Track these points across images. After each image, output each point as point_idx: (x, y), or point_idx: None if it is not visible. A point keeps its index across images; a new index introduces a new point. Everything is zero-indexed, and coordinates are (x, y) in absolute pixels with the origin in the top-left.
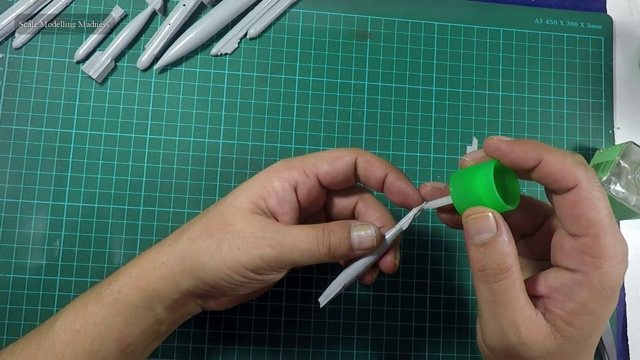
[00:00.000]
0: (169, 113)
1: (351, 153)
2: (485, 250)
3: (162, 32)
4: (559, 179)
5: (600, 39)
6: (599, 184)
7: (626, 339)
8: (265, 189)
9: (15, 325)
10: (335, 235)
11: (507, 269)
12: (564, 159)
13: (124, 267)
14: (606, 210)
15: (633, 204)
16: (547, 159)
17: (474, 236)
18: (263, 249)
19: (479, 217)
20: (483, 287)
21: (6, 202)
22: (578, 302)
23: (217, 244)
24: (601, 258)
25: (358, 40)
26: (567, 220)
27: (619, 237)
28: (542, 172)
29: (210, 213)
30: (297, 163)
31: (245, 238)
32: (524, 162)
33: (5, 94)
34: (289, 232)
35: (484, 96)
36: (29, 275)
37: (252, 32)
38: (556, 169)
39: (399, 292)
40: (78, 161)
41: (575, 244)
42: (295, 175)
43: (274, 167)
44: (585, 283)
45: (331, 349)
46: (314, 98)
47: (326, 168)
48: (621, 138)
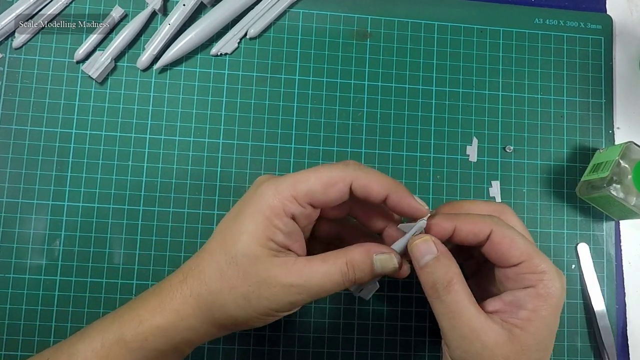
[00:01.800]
0: (169, 113)
1: (344, 177)
2: (430, 270)
3: (162, 32)
4: (476, 233)
5: (600, 39)
6: (506, 224)
7: (626, 339)
8: (269, 230)
9: (15, 325)
10: (359, 269)
11: (452, 281)
12: (469, 219)
13: (144, 308)
14: (522, 240)
15: (633, 204)
16: (458, 225)
17: (420, 260)
18: (292, 296)
19: (421, 242)
20: (437, 303)
21: (6, 202)
22: (530, 309)
23: (244, 297)
24: (540, 272)
25: (358, 40)
26: (500, 259)
27: (545, 257)
28: (458, 238)
29: (220, 258)
30: (287, 192)
31: (272, 288)
32: (445, 237)
33: (5, 94)
34: (314, 276)
35: (484, 96)
36: (29, 275)
37: (252, 32)
38: (470, 229)
39: (399, 292)
40: (78, 161)
41: (517, 270)
42: (291, 208)
43: (268, 202)
44: (534, 293)
45: (331, 349)
46: (314, 98)
47: (319, 196)
48: (621, 138)
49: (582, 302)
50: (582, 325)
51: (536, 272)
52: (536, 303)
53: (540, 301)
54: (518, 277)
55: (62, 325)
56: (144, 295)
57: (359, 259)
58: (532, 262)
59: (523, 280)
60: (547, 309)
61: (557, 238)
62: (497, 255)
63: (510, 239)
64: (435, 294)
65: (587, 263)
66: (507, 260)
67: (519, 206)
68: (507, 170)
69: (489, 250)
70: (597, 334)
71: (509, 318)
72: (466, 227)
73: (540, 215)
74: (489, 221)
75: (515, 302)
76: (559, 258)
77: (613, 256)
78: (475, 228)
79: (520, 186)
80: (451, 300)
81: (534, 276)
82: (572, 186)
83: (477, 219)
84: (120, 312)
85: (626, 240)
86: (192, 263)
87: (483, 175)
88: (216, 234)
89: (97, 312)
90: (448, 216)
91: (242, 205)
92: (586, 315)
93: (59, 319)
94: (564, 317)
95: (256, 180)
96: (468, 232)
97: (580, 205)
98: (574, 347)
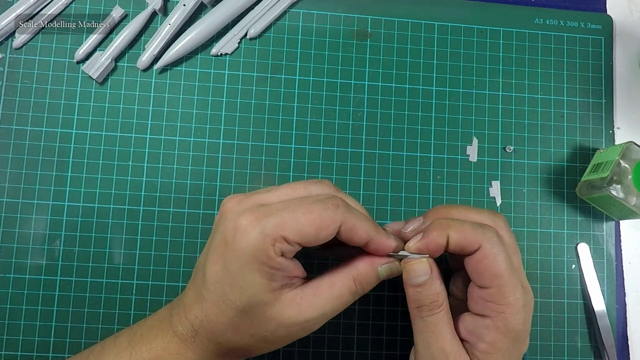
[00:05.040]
0: (169, 113)
1: (335, 220)
2: (421, 290)
3: (162, 32)
4: (465, 246)
5: (600, 39)
6: (498, 242)
7: (626, 339)
8: (267, 274)
9: (15, 325)
10: (366, 282)
11: (438, 305)
12: (463, 229)
13: (155, 350)
14: (505, 264)
15: (633, 204)
16: (451, 234)
17: (413, 278)
18: (308, 330)
19: (417, 263)
20: (418, 320)
21: (6, 202)
22: (488, 342)
23: (264, 339)
24: (503, 304)
25: (358, 40)
26: (474, 275)
27: (518, 287)
28: (451, 248)
29: (229, 313)
30: (276, 233)
31: (289, 328)
32: (440, 251)
33: (5, 94)
34: (325, 303)
35: (484, 96)
36: (29, 275)
37: (252, 32)
38: (460, 240)
39: (399, 292)
40: (78, 161)
41: (482, 294)
42: (281, 248)
43: (257, 247)
44: (492, 326)
45: (331, 349)
46: (314, 98)
47: (309, 238)
48: (621, 138)
49: (582, 302)
50: (582, 325)
51: (500, 304)
52: (494, 336)
53: (498, 334)
54: (480, 301)
55: (62, 325)
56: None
57: (365, 274)
58: (501, 291)
59: (483, 307)
60: (505, 342)
61: (557, 238)
62: (472, 271)
63: (492, 261)
64: (419, 312)
65: (587, 263)
66: (477, 278)
67: (519, 206)
68: (507, 170)
69: (468, 263)
70: (597, 334)
71: (471, 349)
72: (457, 238)
73: (540, 215)
74: (481, 235)
75: (475, 333)
76: (559, 258)
77: (613, 256)
78: (465, 241)
79: (520, 186)
80: (432, 321)
81: (495, 307)
82: (572, 186)
83: (470, 231)
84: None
85: (626, 240)
86: (197, 313)
87: (483, 175)
88: (211, 284)
89: (97, 312)
90: (441, 227)
91: (229, 252)
92: (586, 315)
93: (59, 319)
94: (564, 317)
95: (226, 205)
96: (457, 244)
97: (581, 205)
98: (574, 347)
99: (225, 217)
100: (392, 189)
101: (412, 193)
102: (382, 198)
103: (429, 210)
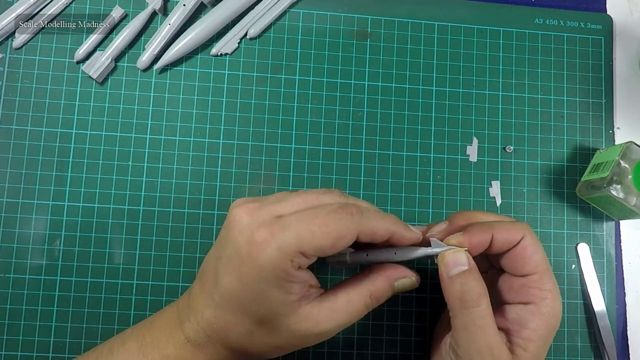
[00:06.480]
0: (169, 113)
1: (352, 230)
2: (462, 280)
3: (162, 32)
4: (510, 241)
5: (600, 39)
6: (534, 233)
7: (626, 339)
8: (285, 287)
9: (15, 325)
10: (382, 297)
11: (482, 295)
12: (506, 226)
13: (168, 358)
14: (543, 253)
15: (633, 204)
16: (496, 232)
17: (452, 269)
18: (322, 339)
19: (455, 252)
20: (462, 314)
21: (6, 202)
22: (532, 328)
23: (279, 347)
24: (545, 290)
25: (358, 40)
26: (518, 265)
27: (553, 277)
28: (495, 248)
29: (246, 321)
30: (294, 249)
31: (305, 339)
32: (482, 247)
33: (5, 94)
34: (341, 316)
35: (484, 96)
36: (29, 275)
37: (252, 32)
38: (506, 236)
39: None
40: (78, 161)
41: (525, 282)
42: (299, 262)
43: (276, 263)
44: (537, 312)
45: (331, 349)
46: (314, 98)
47: (327, 250)
48: (621, 138)
49: (582, 302)
50: (582, 325)
51: (542, 289)
52: (538, 322)
53: (541, 320)
54: (522, 289)
55: (62, 325)
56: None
57: (381, 289)
58: (542, 278)
59: (527, 294)
60: (546, 328)
61: (557, 238)
62: (514, 261)
63: (534, 249)
64: (463, 304)
65: (587, 263)
66: (520, 268)
67: (519, 206)
68: (507, 170)
69: (510, 255)
70: (597, 334)
71: (512, 337)
72: (502, 235)
73: (540, 215)
74: (521, 228)
75: (517, 320)
76: (559, 258)
77: (613, 256)
78: (510, 236)
79: (520, 186)
80: (477, 314)
81: (538, 292)
82: (572, 186)
83: (511, 227)
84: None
85: (626, 240)
86: (209, 320)
87: (483, 175)
88: (226, 294)
89: (97, 312)
90: (483, 226)
91: (245, 267)
92: (586, 315)
93: (59, 319)
94: (564, 317)
95: (237, 214)
96: (504, 242)
97: (580, 205)
98: (574, 347)
99: (236, 227)
100: (392, 189)
101: (412, 193)
102: (382, 198)
103: (452, 215)
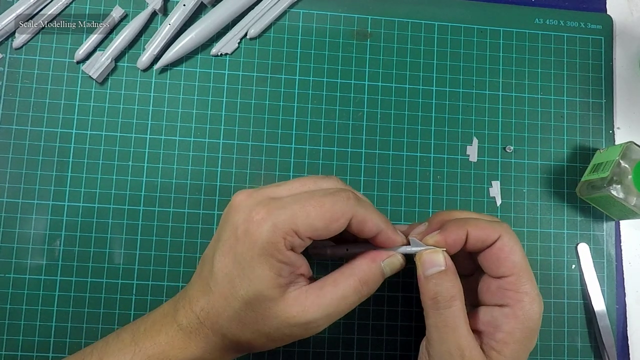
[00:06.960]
0: (169, 113)
1: (346, 212)
2: (437, 281)
3: (162, 32)
4: (484, 239)
5: (600, 39)
6: (514, 234)
7: (626, 339)
8: (275, 267)
9: (15, 325)
10: (372, 281)
11: (455, 297)
12: (481, 224)
13: (170, 346)
14: (522, 253)
15: (633, 204)
16: (470, 229)
17: (428, 269)
18: (311, 331)
19: (432, 253)
20: (434, 314)
21: (6, 202)
22: (507, 331)
23: (267, 336)
24: (522, 292)
25: (358, 40)
26: (493, 266)
27: (533, 279)
28: (470, 244)
29: (235, 305)
30: (287, 227)
31: (292, 327)
32: (458, 246)
33: (5, 94)
34: (329, 304)
35: (484, 96)
36: (29, 275)
37: (252, 32)
38: (480, 234)
39: (399, 292)
40: (78, 161)
41: (501, 283)
42: (292, 242)
43: (269, 239)
44: (511, 315)
45: (331, 349)
46: (314, 98)
47: (320, 232)
48: (621, 138)
49: (582, 302)
50: (582, 325)
51: (518, 292)
52: (513, 325)
53: (517, 323)
54: (498, 291)
55: (62, 325)
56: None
57: (369, 272)
58: (519, 280)
59: (502, 296)
60: (522, 332)
61: (557, 238)
62: (490, 262)
63: (510, 250)
64: (435, 305)
65: (587, 263)
66: (496, 269)
67: (519, 206)
68: (507, 170)
69: (486, 255)
70: (597, 334)
71: (487, 340)
72: (476, 232)
73: (540, 215)
74: (499, 228)
75: (492, 322)
76: (559, 258)
77: (613, 256)
78: (484, 234)
79: (521, 186)
80: (449, 314)
81: (514, 295)
82: (572, 186)
83: (487, 225)
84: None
85: (626, 240)
86: (202, 305)
87: (483, 175)
88: (219, 276)
89: (97, 312)
90: (458, 223)
91: (240, 245)
92: (586, 315)
93: (59, 319)
94: (564, 317)
95: (236, 199)
96: (478, 239)
97: (581, 205)
98: (574, 347)
99: (235, 210)
100: (392, 189)
101: (412, 193)
102: (382, 198)
103: (432, 216)
